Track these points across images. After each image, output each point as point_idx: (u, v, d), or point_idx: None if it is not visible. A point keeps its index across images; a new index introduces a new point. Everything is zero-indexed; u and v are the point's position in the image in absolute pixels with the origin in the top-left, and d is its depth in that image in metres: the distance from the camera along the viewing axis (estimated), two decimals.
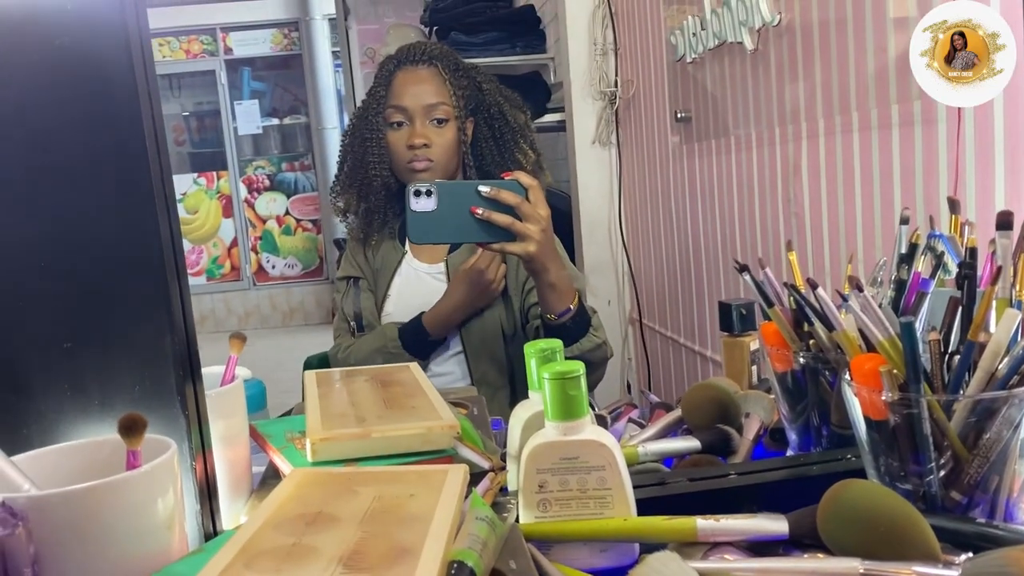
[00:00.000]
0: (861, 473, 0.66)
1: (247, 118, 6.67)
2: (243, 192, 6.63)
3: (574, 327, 1.19)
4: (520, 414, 0.72)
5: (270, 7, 6.47)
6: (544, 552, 0.64)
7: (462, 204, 1.04)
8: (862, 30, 1.23)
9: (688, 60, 1.84)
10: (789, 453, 0.81)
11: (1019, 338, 0.61)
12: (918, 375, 0.59)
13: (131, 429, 0.55)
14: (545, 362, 0.69)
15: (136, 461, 0.56)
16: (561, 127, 2.66)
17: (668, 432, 0.87)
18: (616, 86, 2.39)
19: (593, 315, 1.24)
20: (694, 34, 1.78)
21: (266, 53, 6.69)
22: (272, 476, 0.79)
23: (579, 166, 2.51)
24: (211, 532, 0.66)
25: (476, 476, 0.73)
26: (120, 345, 0.63)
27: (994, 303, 0.64)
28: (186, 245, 6.59)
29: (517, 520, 0.64)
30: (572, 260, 2.58)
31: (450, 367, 1.42)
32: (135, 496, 0.53)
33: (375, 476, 0.62)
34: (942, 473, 0.61)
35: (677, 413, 0.87)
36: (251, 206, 6.63)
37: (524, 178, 1.07)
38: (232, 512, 0.75)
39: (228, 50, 6.62)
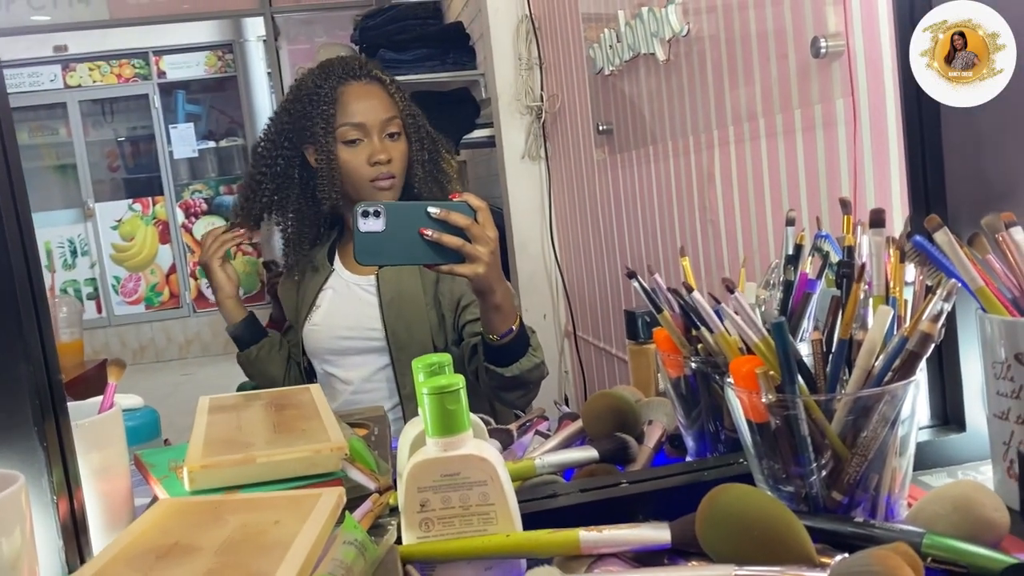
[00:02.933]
0: (752, 477, 0.66)
1: (183, 142, 6.55)
2: (180, 217, 6.50)
3: (515, 347, 1.18)
4: (409, 432, 0.70)
5: (203, 29, 6.38)
6: (428, 573, 0.62)
7: (411, 225, 1.02)
8: (764, 37, 1.25)
9: (607, 73, 1.85)
10: (688, 459, 0.81)
11: (894, 334, 0.62)
12: (792, 376, 0.59)
13: None
14: (432, 376, 0.67)
15: None
16: (491, 142, 2.65)
17: (570, 443, 0.85)
18: (542, 100, 2.40)
19: (532, 335, 1.23)
20: (611, 47, 1.79)
21: (200, 76, 6.59)
22: None
23: (510, 181, 2.51)
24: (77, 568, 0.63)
25: (365, 497, 0.71)
26: None
27: (871, 301, 0.64)
28: (123, 273, 6.44)
29: (399, 541, 0.62)
30: (506, 275, 2.58)
31: (377, 383, 1.39)
32: None
33: (246, 503, 0.59)
34: (824, 473, 0.61)
35: (579, 423, 0.86)
36: (189, 231, 6.50)
37: (473, 200, 1.06)
38: None
39: (161, 73, 6.51)
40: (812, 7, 1.14)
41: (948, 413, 0.74)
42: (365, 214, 1.01)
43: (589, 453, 0.78)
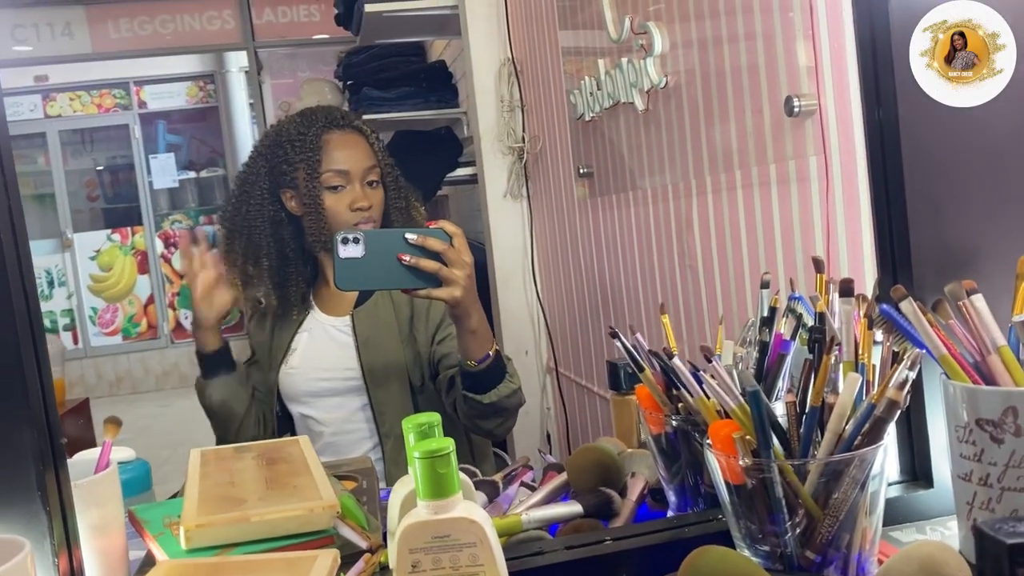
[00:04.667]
0: (730, 534, 0.69)
1: (163, 172, 6.55)
2: (159, 247, 6.48)
3: (493, 373, 1.21)
4: (399, 491, 0.72)
5: (185, 60, 6.40)
6: None
7: (389, 251, 1.06)
8: (740, 92, 1.29)
9: (587, 118, 1.90)
10: (669, 513, 0.83)
11: (863, 399, 0.65)
12: (768, 441, 0.62)
13: None
14: (422, 437, 0.70)
15: None
16: (474, 180, 2.69)
17: (556, 496, 0.88)
18: (524, 141, 2.44)
19: (508, 361, 1.26)
20: (591, 93, 1.84)
21: (181, 106, 6.61)
22: (149, 564, 0.77)
23: (492, 218, 2.55)
24: None
25: (359, 554, 0.73)
26: None
27: (841, 367, 0.67)
28: (101, 304, 6.39)
29: None
30: (488, 311, 2.60)
31: (356, 424, 1.41)
32: None
33: (243, 565, 0.61)
34: (797, 532, 0.64)
35: (565, 476, 0.88)
36: (168, 261, 6.48)
37: (449, 226, 1.10)
38: None
39: (142, 103, 6.52)
40: (786, 67, 1.18)
41: (916, 469, 0.77)
42: (345, 241, 1.05)
43: (574, 508, 0.80)
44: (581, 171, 2.02)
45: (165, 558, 0.67)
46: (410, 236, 1.07)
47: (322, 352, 1.43)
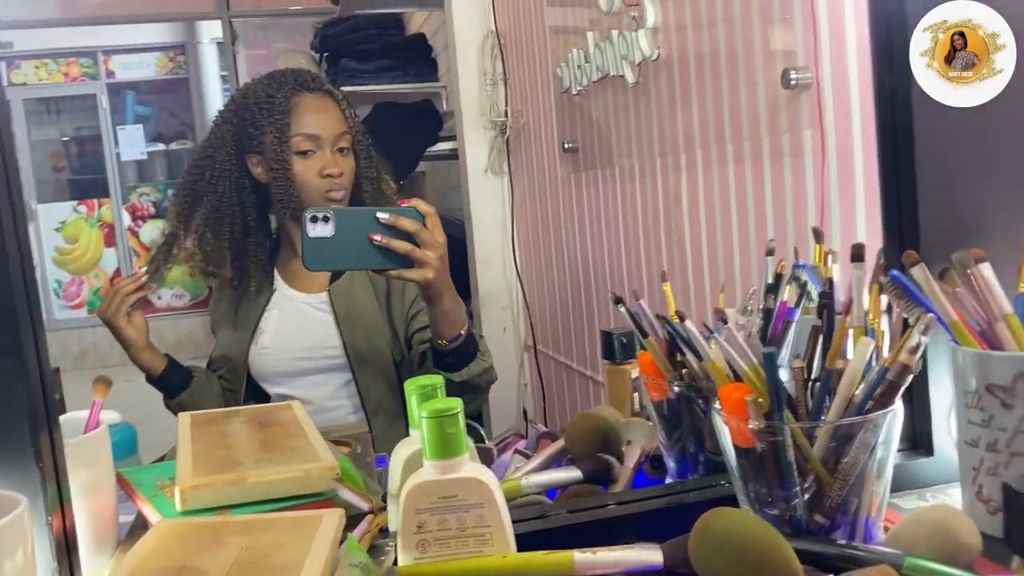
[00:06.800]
0: (735, 499, 0.68)
1: (131, 143, 6.42)
2: (127, 220, 6.36)
3: (465, 352, 1.19)
4: (401, 452, 0.71)
5: (155, 30, 6.28)
6: None
7: (360, 231, 1.03)
8: (734, 65, 1.29)
9: (574, 92, 1.88)
10: (668, 480, 0.83)
11: (874, 364, 0.65)
12: (781, 404, 0.62)
13: None
14: (425, 399, 0.68)
15: None
16: (454, 155, 2.67)
17: (552, 463, 0.87)
18: (506, 116, 2.42)
19: (480, 339, 1.24)
20: (579, 67, 1.82)
21: (151, 77, 6.47)
22: (141, 527, 0.75)
23: (472, 195, 2.53)
24: None
25: (356, 517, 0.71)
26: None
27: (851, 332, 0.67)
28: (65, 276, 6.27)
29: (395, 563, 0.63)
30: (467, 288, 2.59)
31: (339, 400, 1.38)
32: None
33: (245, 525, 0.60)
34: (807, 497, 0.63)
35: (561, 443, 0.88)
36: (135, 234, 6.37)
37: (422, 205, 1.07)
38: (96, 567, 0.71)
39: (110, 73, 6.38)
40: (782, 39, 1.18)
41: (917, 438, 0.78)
42: (314, 219, 1.02)
43: (574, 474, 0.80)
44: (566, 146, 2.00)
45: (160, 519, 0.66)
46: (382, 215, 1.04)
47: (299, 330, 1.39)
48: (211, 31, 6.10)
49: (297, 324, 1.40)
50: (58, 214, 6.27)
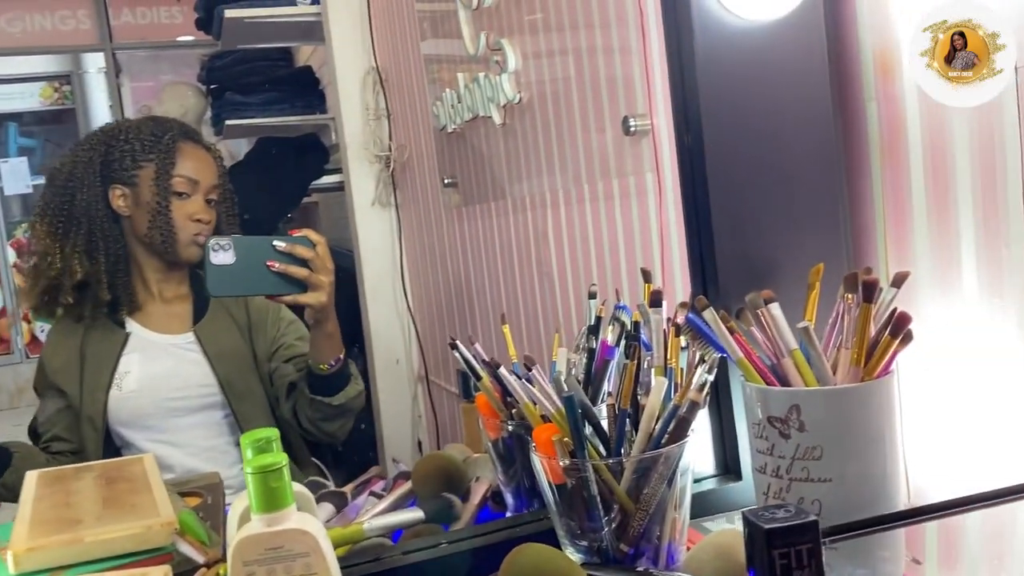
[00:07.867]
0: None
1: (15, 177, 6.15)
2: (11, 257, 6.10)
3: (341, 375, 1.25)
4: (237, 506, 0.73)
5: (38, 60, 6.06)
6: None
7: (258, 258, 1.12)
8: (585, 110, 1.36)
9: (449, 130, 1.93)
10: (508, 514, 0.88)
11: (670, 401, 0.71)
12: (582, 442, 0.67)
13: None
14: (260, 452, 0.71)
15: None
16: (341, 187, 2.68)
17: (402, 503, 0.91)
18: (391, 150, 2.46)
19: (350, 363, 1.29)
20: (452, 106, 1.88)
21: (35, 108, 6.25)
22: None
23: (360, 227, 2.54)
24: None
25: (196, 569, 0.73)
26: None
27: (653, 371, 0.73)
28: None
29: None
30: (356, 319, 2.60)
31: (222, 438, 1.40)
32: None
33: None
34: (613, 527, 0.69)
35: (410, 484, 0.91)
36: (21, 272, 6.11)
37: (312, 235, 1.16)
38: None
39: None
40: (623, 88, 1.26)
41: (728, 464, 0.84)
42: (216, 248, 1.09)
43: (416, 515, 0.84)
44: (446, 181, 2.05)
45: None
46: (279, 244, 1.14)
47: (170, 371, 1.39)
48: (97, 61, 5.93)
49: (167, 365, 1.39)
50: None
